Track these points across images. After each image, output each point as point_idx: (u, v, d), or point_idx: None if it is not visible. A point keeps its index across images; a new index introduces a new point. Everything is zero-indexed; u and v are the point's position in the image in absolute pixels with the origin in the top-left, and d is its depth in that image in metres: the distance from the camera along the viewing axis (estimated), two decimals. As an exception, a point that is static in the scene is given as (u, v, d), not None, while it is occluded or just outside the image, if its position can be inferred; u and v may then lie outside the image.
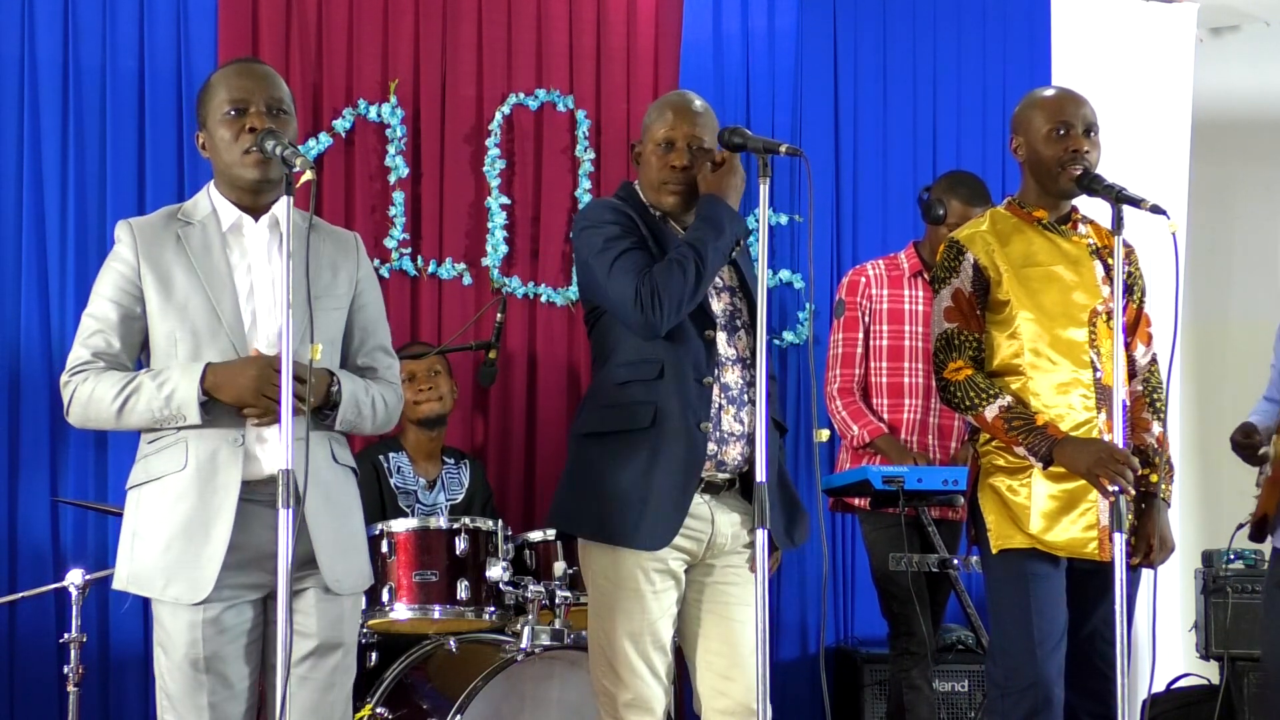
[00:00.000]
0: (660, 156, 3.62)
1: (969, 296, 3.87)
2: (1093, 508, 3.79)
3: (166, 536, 3.15)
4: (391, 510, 4.91)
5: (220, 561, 3.13)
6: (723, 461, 3.57)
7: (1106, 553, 3.77)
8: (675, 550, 3.55)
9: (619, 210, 3.61)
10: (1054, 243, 3.90)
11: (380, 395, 3.35)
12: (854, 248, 5.94)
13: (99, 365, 3.20)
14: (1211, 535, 6.56)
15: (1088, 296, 3.85)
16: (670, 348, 3.53)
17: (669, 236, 3.62)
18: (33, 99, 5.09)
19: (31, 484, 4.99)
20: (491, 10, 5.57)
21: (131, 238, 3.25)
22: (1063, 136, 3.84)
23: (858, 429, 5.08)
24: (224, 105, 3.23)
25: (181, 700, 3.18)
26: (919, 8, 6.13)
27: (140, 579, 3.19)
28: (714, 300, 3.63)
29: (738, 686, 3.57)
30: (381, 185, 5.43)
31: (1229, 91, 6.87)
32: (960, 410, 3.89)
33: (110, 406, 3.16)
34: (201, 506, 3.15)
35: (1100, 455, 3.66)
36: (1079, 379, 3.83)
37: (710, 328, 3.55)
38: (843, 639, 5.81)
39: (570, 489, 3.65)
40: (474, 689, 4.17)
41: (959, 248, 3.89)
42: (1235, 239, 7.16)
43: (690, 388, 3.52)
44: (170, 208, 3.37)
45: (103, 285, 3.26)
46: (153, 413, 3.14)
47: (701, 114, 3.66)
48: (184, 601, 3.14)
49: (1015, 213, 3.95)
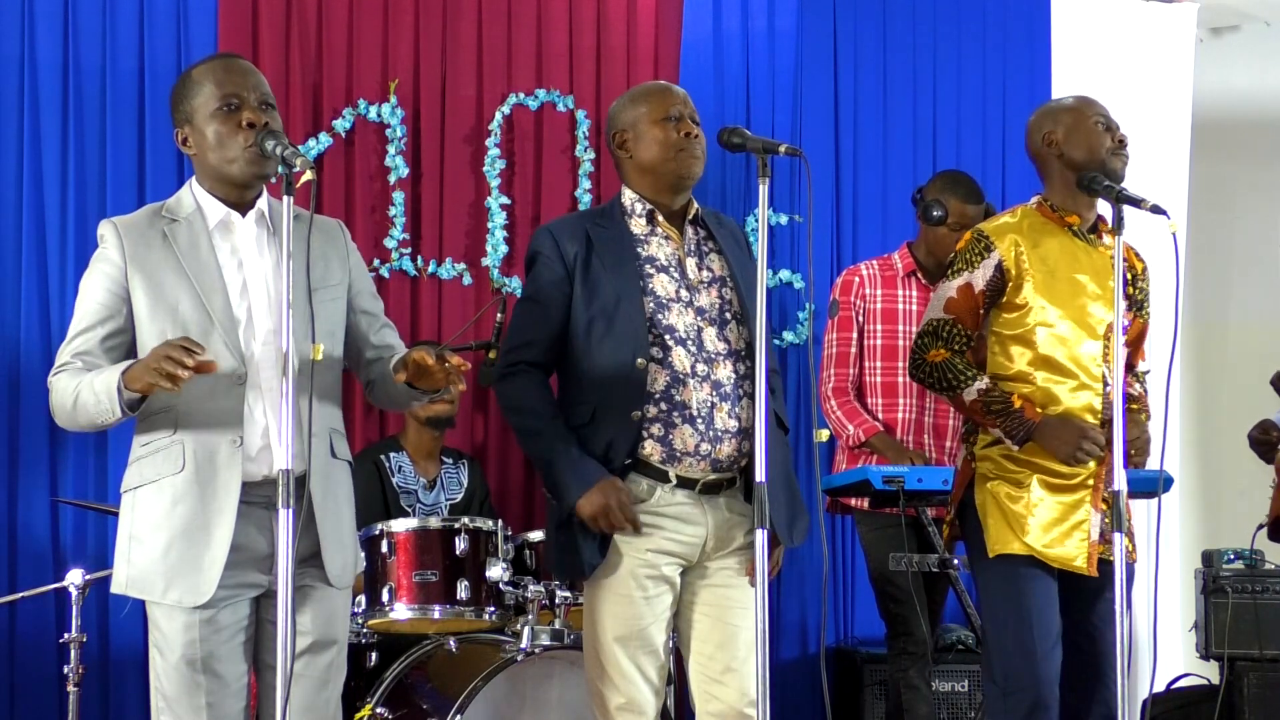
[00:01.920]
0: (667, 129, 3.61)
1: (978, 294, 3.84)
2: (1085, 522, 3.80)
3: (166, 540, 3.13)
4: (394, 510, 4.91)
5: (223, 564, 3.11)
6: (716, 460, 3.54)
7: (1094, 568, 3.80)
8: (667, 555, 3.53)
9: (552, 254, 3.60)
10: (1085, 251, 3.87)
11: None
12: (854, 248, 5.94)
13: (77, 365, 3.15)
14: (1212, 535, 6.57)
15: (1106, 309, 3.82)
16: (601, 386, 3.53)
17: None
18: (33, 99, 5.09)
19: (31, 484, 5.00)
20: (491, 10, 5.57)
21: (117, 237, 3.21)
22: (1107, 130, 3.87)
23: (853, 428, 5.08)
24: (214, 101, 3.19)
25: (178, 701, 3.16)
26: (919, 8, 6.13)
27: (140, 583, 3.17)
28: (701, 294, 3.61)
29: (730, 690, 3.56)
30: (381, 185, 5.43)
31: (1229, 91, 6.87)
32: (936, 390, 3.90)
33: (67, 402, 3.12)
34: (202, 509, 3.13)
35: (1078, 442, 3.72)
36: (1090, 390, 3.83)
37: (643, 356, 3.51)
38: (843, 639, 5.81)
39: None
40: (474, 689, 4.17)
41: (987, 243, 3.84)
42: (1235, 239, 7.16)
43: (624, 423, 3.52)
44: (153, 205, 3.31)
45: (88, 286, 3.21)
46: (92, 407, 3.08)
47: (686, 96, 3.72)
48: (185, 605, 3.13)
49: (1047, 215, 3.90)
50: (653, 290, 3.57)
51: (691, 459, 3.52)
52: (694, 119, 3.64)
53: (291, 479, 2.96)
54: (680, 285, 3.60)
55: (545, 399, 3.58)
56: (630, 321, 3.52)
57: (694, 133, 3.62)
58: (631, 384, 3.51)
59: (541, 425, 3.54)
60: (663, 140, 3.61)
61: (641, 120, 3.64)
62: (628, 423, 3.50)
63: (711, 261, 3.67)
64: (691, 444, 3.52)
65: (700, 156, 3.63)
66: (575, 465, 3.48)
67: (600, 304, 3.55)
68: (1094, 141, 3.85)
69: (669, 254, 3.63)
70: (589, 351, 3.55)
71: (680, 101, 3.65)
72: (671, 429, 3.52)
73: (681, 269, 3.62)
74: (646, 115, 3.64)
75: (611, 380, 3.52)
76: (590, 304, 3.56)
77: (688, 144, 3.61)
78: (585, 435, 3.52)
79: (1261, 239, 7.15)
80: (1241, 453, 4.67)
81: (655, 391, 3.52)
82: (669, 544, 3.54)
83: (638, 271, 3.58)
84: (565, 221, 3.80)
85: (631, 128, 3.65)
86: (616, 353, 3.52)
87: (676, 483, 3.54)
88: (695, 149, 3.62)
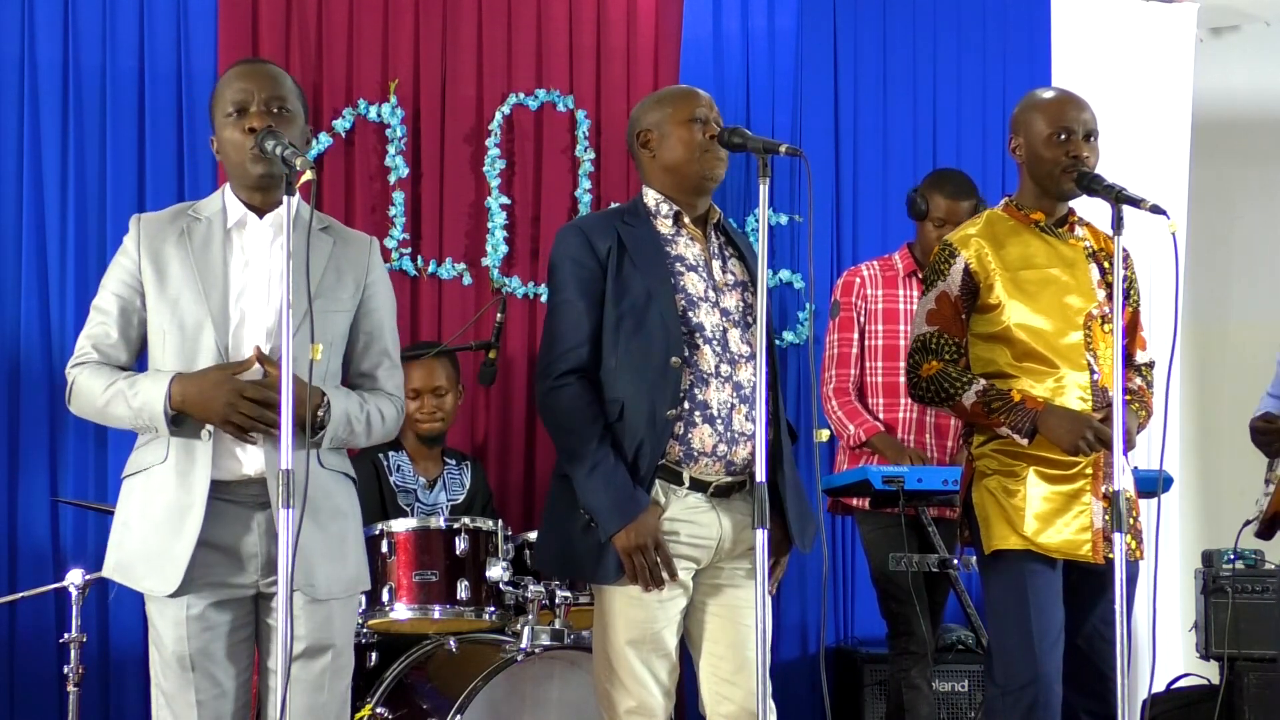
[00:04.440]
0: (693, 131, 3.62)
1: (955, 301, 3.89)
2: (1087, 510, 3.80)
3: (148, 528, 3.20)
4: (391, 509, 4.90)
5: (189, 555, 3.15)
6: (731, 462, 3.54)
7: (1100, 555, 3.79)
8: (681, 559, 3.53)
9: (584, 251, 3.58)
10: (1051, 245, 3.91)
11: (377, 409, 3.33)
12: (854, 248, 5.94)
13: (94, 359, 3.25)
14: (1211, 535, 6.57)
15: (1083, 300, 3.87)
16: (631, 382, 3.51)
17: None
18: (33, 99, 5.09)
19: (31, 484, 5.00)
20: (491, 10, 5.57)
21: (137, 231, 3.29)
22: (1063, 141, 3.85)
23: (854, 428, 5.08)
24: (228, 105, 3.26)
25: (175, 697, 3.20)
26: (919, 8, 6.13)
27: (124, 568, 3.25)
28: (726, 296, 3.62)
29: (741, 691, 3.55)
30: (381, 185, 5.43)
31: (1229, 91, 6.87)
32: (937, 404, 3.92)
33: (95, 403, 3.24)
34: (176, 500, 3.18)
35: (1082, 431, 3.72)
36: (1076, 381, 3.84)
37: (677, 354, 3.51)
38: (843, 639, 5.81)
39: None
40: (474, 689, 4.17)
41: (951, 250, 3.92)
42: (1235, 239, 7.16)
43: (655, 422, 3.50)
44: (183, 204, 3.40)
45: (108, 277, 3.31)
46: (128, 421, 3.21)
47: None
48: (157, 593, 3.18)
49: (1012, 214, 3.96)
50: (683, 288, 3.57)
51: (708, 459, 3.53)
52: (719, 123, 3.65)
53: (292, 479, 2.96)
54: (708, 285, 3.61)
55: (594, 415, 3.51)
56: (662, 319, 3.52)
57: (715, 134, 3.63)
58: (666, 382, 3.50)
59: (588, 448, 3.49)
60: (688, 141, 3.62)
61: (667, 121, 3.65)
62: (659, 422, 3.49)
63: (733, 266, 3.69)
64: (710, 444, 3.52)
65: (724, 159, 3.63)
66: (618, 495, 3.46)
67: (630, 301, 3.54)
68: (1045, 157, 3.87)
69: (696, 255, 3.64)
70: (617, 349, 3.53)
71: (706, 105, 3.67)
72: (691, 428, 3.52)
73: (709, 269, 3.63)
74: (672, 116, 3.65)
75: (643, 378, 3.51)
76: (620, 301, 3.54)
77: (712, 146, 3.62)
78: (615, 434, 3.50)
79: (1261, 239, 7.15)
80: (1241, 453, 4.67)
81: (681, 390, 3.52)
82: (683, 547, 3.54)
83: (668, 270, 3.58)
84: (593, 219, 3.81)
85: (657, 128, 3.66)
86: (648, 350, 3.52)
87: (689, 485, 3.55)
88: (719, 151, 3.62)
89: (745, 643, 3.55)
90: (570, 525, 3.54)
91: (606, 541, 3.47)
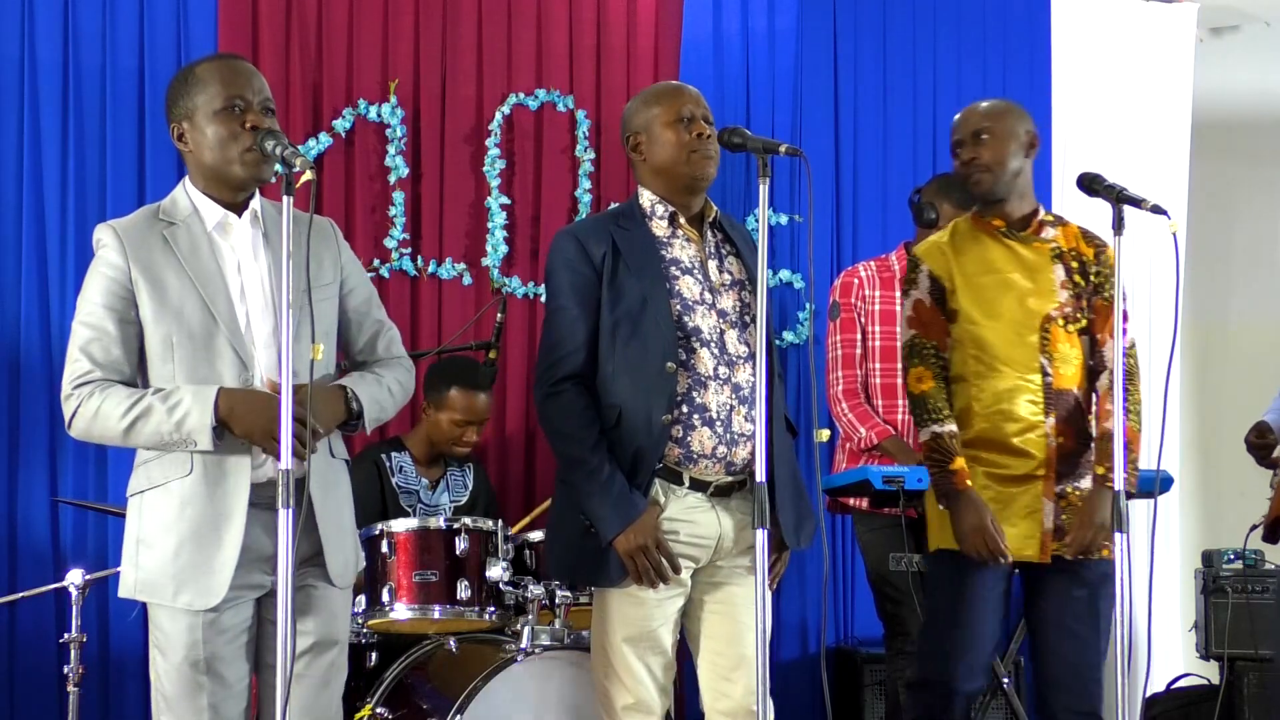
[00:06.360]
0: (680, 130, 3.60)
1: (930, 306, 3.98)
2: (1038, 511, 3.84)
3: (176, 543, 3.13)
4: (393, 510, 4.91)
5: (234, 566, 3.12)
6: (731, 463, 3.55)
7: (1047, 554, 3.88)
8: (680, 558, 3.53)
9: (579, 257, 3.57)
10: (1011, 250, 3.99)
11: (395, 381, 3.37)
12: (854, 248, 5.94)
13: (99, 377, 3.14)
14: (1211, 535, 6.57)
15: (1040, 302, 3.93)
16: (628, 388, 3.51)
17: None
18: (33, 99, 5.09)
19: (31, 484, 5.00)
20: (491, 10, 5.57)
21: (118, 241, 3.19)
22: (960, 148, 4.05)
23: (865, 431, 5.08)
24: (218, 101, 3.18)
25: (179, 701, 3.16)
26: (919, 8, 6.13)
27: (149, 586, 3.16)
28: (723, 297, 3.62)
29: (739, 688, 3.56)
30: (381, 185, 5.43)
31: (1229, 91, 6.87)
32: (914, 421, 4.03)
33: (117, 425, 3.11)
34: (211, 511, 3.13)
35: (978, 531, 3.80)
36: (1027, 384, 3.89)
37: (673, 359, 3.51)
38: (843, 639, 5.81)
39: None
40: (474, 689, 4.17)
41: (915, 261, 4.05)
42: (1235, 239, 7.17)
43: (652, 427, 3.50)
44: (149, 208, 3.30)
45: (92, 291, 3.18)
46: (161, 436, 3.10)
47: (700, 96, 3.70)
48: (195, 608, 3.13)
49: (976, 222, 4.06)
50: (679, 292, 3.57)
51: (708, 461, 3.53)
52: (707, 119, 3.63)
53: (291, 479, 2.96)
54: (704, 288, 3.61)
55: (590, 421, 3.51)
56: (658, 324, 3.52)
57: (706, 133, 3.60)
58: (661, 388, 3.50)
59: (585, 454, 3.50)
60: (675, 142, 3.60)
61: (654, 123, 3.63)
62: (656, 427, 3.49)
63: (730, 265, 3.68)
64: (709, 446, 3.53)
65: (714, 157, 3.61)
66: (616, 499, 3.47)
67: (625, 306, 3.54)
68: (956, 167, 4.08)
69: (692, 256, 3.63)
70: (614, 354, 3.53)
71: (692, 101, 3.64)
72: (690, 431, 3.52)
73: (704, 271, 3.63)
74: (659, 117, 3.63)
75: (640, 383, 3.51)
76: (615, 306, 3.54)
77: (700, 145, 3.59)
78: (611, 440, 3.51)
79: (1261, 239, 7.16)
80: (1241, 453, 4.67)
81: (678, 394, 3.52)
82: (682, 546, 3.54)
83: (663, 274, 3.57)
84: (587, 224, 3.80)
85: (645, 130, 3.65)
86: (644, 355, 3.52)
87: (689, 485, 3.55)
88: (708, 149, 3.60)
89: (744, 639, 3.56)
90: (572, 530, 3.55)
91: (607, 545, 3.47)
